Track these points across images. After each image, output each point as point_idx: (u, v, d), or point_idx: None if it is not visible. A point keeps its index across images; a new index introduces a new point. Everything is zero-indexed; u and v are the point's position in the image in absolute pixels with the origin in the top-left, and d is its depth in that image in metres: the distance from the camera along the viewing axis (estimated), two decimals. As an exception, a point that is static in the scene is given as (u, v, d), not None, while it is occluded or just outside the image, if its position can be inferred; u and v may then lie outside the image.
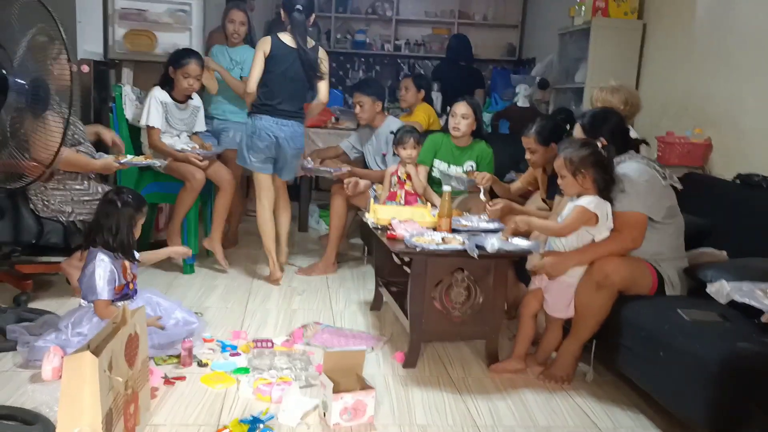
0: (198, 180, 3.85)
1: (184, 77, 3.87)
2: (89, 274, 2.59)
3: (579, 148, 2.65)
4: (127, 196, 2.67)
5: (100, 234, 2.62)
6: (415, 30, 8.17)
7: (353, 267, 4.44)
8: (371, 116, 4.37)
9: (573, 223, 2.61)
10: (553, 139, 3.31)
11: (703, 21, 4.04)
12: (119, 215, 2.63)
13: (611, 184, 2.63)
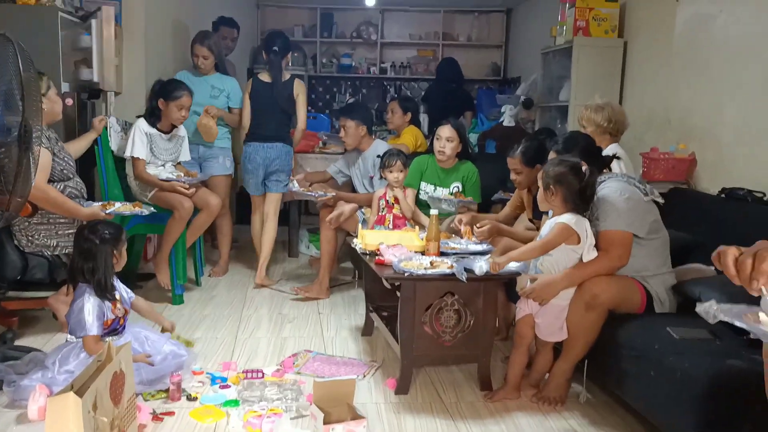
0: (186, 209, 3.84)
1: (178, 109, 3.93)
2: (77, 310, 2.56)
3: (556, 164, 2.67)
4: (103, 232, 2.63)
5: (80, 273, 2.59)
6: (400, 52, 8.24)
7: (344, 291, 4.42)
8: (356, 140, 4.38)
9: (553, 240, 2.61)
10: (538, 160, 3.32)
11: (681, 38, 4.08)
12: (97, 254, 2.59)
13: (585, 206, 2.63)
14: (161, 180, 3.89)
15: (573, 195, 2.61)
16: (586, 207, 2.65)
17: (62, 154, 3.21)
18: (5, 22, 3.70)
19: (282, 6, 8.00)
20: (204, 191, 4.11)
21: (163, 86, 3.99)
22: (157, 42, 5.09)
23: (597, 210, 2.67)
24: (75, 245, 2.66)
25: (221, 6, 6.09)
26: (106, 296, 2.60)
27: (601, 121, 3.57)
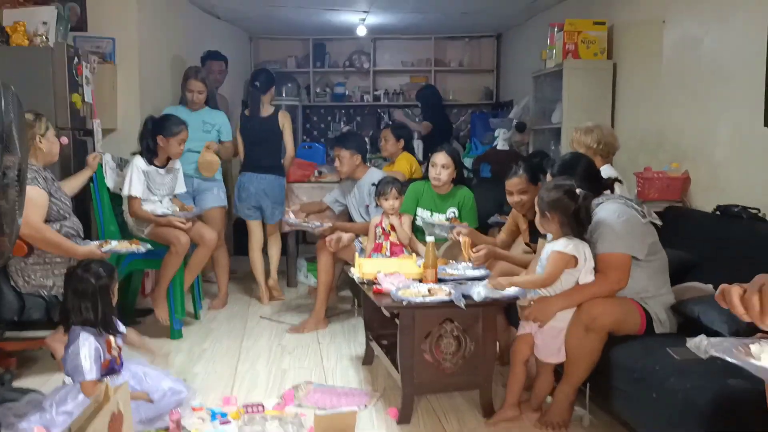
0: (183, 243, 3.84)
1: (179, 144, 3.98)
2: (73, 355, 2.52)
3: (550, 189, 2.68)
4: (97, 269, 2.61)
5: (77, 313, 2.56)
6: (392, 80, 8.31)
7: (344, 320, 4.40)
8: (351, 169, 4.40)
9: (554, 270, 2.61)
10: (539, 179, 3.32)
11: (670, 59, 4.13)
12: (94, 291, 2.57)
13: (582, 230, 2.64)
14: (157, 215, 3.89)
15: (569, 219, 2.62)
16: (583, 230, 2.65)
17: (58, 194, 3.22)
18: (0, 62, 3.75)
19: (275, 38, 8.08)
20: (200, 225, 4.11)
21: (159, 123, 3.99)
22: (151, 78, 5.14)
23: (595, 232, 2.68)
24: (67, 286, 2.63)
25: (214, 40, 6.16)
26: (109, 332, 2.58)
27: (590, 143, 3.61)
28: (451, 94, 8.20)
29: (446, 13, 6.56)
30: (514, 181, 3.41)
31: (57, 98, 3.88)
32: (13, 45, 3.86)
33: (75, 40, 4.55)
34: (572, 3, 5.55)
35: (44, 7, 4.06)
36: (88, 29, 4.79)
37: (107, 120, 4.65)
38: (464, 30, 7.74)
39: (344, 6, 6.26)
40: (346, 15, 6.64)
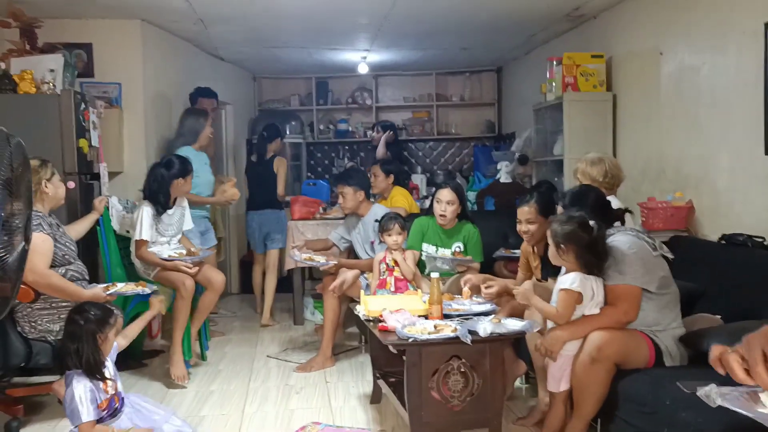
0: (188, 287, 3.83)
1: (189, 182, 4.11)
2: (69, 399, 2.52)
3: (565, 222, 2.67)
4: (89, 313, 2.61)
5: (69, 357, 2.56)
6: (395, 115, 8.38)
7: (351, 357, 4.38)
8: (354, 206, 4.42)
9: (565, 309, 2.61)
10: (552, 211, 3.25)
11: (668, 89, 4.17)
12: (82, 335, 2.57)
13: (599, 262, 2.63)
14: (164, 259, 3.90)
15: (584, 252, 2.61)
16: (599, 263, 2.64)
17: (63, 239, 3.25)
18: (8, 110, 3.82)
19: (278, 78, 8.20)
20: (207, 268, 4.09)
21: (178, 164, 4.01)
22: (157, 121, 5.22)
23: (605, 265, 2.67)
24: (64, 329, 2.65)
25: (218, 82, 6.25)
26: (95, 376, 2.55)
27: (596, 176, 3.61)
28: (454, 127, 8.27)
29: (446, 49, 6.66)
30: (524, 209, 3.31)
31: (64, 144, 3.94)
32: (20, 93, 3.93)
33: (82, 86, 4.64)
34: (569, 37, 5.62)
35: (51, 55, 4.15)
36: (95, 75, 4.90)
37: (114, 163, 4.71)
38: (464, 65, 7.84)
39: (346, 45, 6.37)
40: (347, 54, 6.75)
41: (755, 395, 1.33)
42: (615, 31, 4.83)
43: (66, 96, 3.96)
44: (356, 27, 5.59)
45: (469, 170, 7.75)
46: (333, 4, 4.72)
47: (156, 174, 3.98)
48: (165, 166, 4.00)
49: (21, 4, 4.17)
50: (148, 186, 4.00)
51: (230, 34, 5.67)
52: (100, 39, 4.90)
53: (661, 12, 4.20)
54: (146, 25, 5.03)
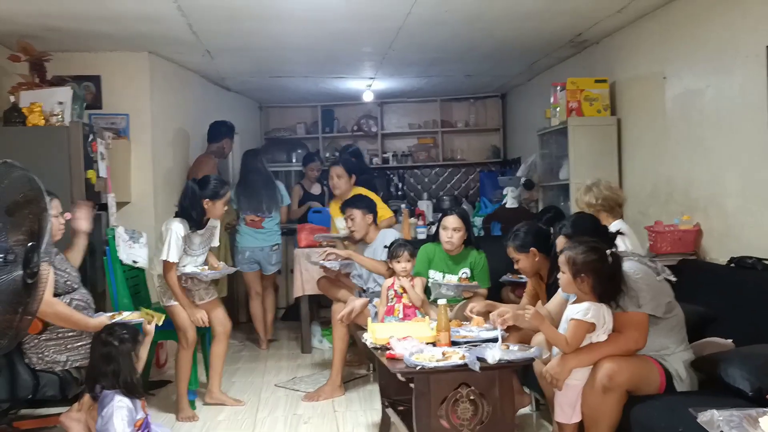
0: (190, 338, 3.82)
1: (224, 205, 3.97)
2: (107, 419, 2.55)
3: (585, 251, 2.62)
4: (121, 333, 2.65)
5: (105, 379, 2.58)
6: (400, 142, 8.43)
7: (360, 386, 4.34)
8: (363, 229, 4.42)
9: (575, 339, 2.58)
10: (533, 245, 3.33)
11: (673, 112, 4.18)
12: (119, 355, 2.60)
13: (614, 293, 2.60)
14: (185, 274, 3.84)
15: (602, 282, 2.59)
16: (615, 293, 2.61)
17: (63, 265, 3.23)
18: (17, 143, 3.87)
19: (284, 106, 8.27)
20: (212, 317, 3.98)
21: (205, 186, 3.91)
22: (164, 152, 5.26)
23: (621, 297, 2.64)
24: (93, 351, 2.68)
25: (225, 111, 6.32)
26: (136, 395, 2.58)
27: (590, 200, 3.66)
28: (459, 153, 8.30)
29: (450, 76, 6.71)
30: (508, 248, 3.44)
31: (73, 175, 3.97)
32: (29, 125, 3.98)
33: (90, 118, 4.69)
34: (572, 62, 5.66)
35: (60, 88, 4.20)
36: (103, 106, 4.96)
37: (121, 193, 4.74)
38: (469, 91, 7.90)
39: (351, 74, 6.43)
40: (353, 82, 6.81)
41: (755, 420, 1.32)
42: (618, 57, 4.86)
43: (74, 128, 4.01)
44: (361, 56, 5.65)
45: (475, 196, 7.76)
46: (338, 34, 4.78)
47: (188, 190, 3.89)
48: (199, 183, 3.93)
49: (31, 38, 4.24)
50: (181, 202, 3.90)
51: (237, 64, 5.74)
52: (109, 71, 4.97)
53: (664, 37, 4.24)
54: (154, 57, 5.10)
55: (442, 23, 4.53)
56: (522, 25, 4.63)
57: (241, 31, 4.61)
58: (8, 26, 4.15)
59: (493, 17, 4.42)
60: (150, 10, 3.99)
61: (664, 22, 4.22)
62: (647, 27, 4.43)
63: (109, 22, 4.21)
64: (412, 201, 7.79)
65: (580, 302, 2.63)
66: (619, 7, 4.23)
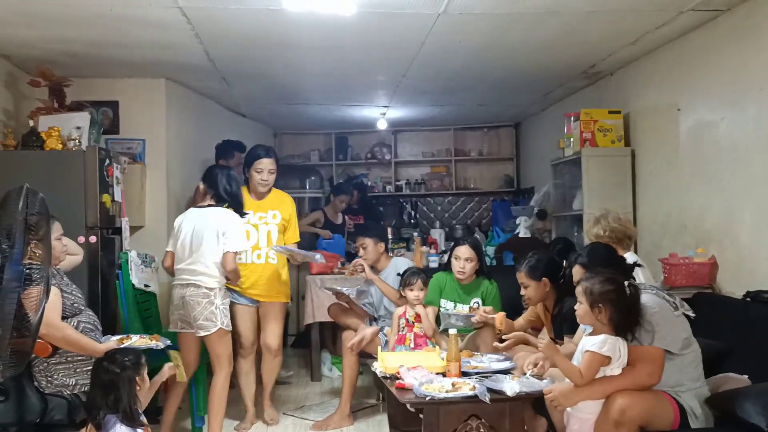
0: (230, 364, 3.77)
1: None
2: None
3: (603, 281, 2.59)
4: (122, 360, 2.63)
5: (105, 406, 2.57)
6: (414, 170, 8.46)
7: (369, 416, 4.29)
8: (375, 257, 4.41)
9: (588, 372, 2.54)
10: (546, 274, 3.31)
11: (687, 144, 4.16)
12: (119, 383, 2.59)
13: (632, 325, 2.56)
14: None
15: (620, 313, 2.55)
16: (632, 325, 2.57)
17: (69, 288, 3.24)
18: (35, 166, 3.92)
19: (298, 133, 8.34)
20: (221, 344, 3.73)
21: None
22: (178, 177, 5.31)
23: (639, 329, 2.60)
24: (93, 378, 2.67)
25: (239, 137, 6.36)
26: (134, 425, 2.56)
27: (597, 232, 3.65)
28: (472, 182, 8.30)
29: (463, 105, 6.75)
30: (518, 273, 3.45)
31: (88, 198, 4.01)
32: (47, 149, 4.03)
33: (107, 143, 4.75)
34: (586, 93, 5.67)
35: (78, 113, 4.26)
36: (120, 131, 5.02)
37: (136, 217, 4.77)
38: (482, 120, 7.93)
39: (365, 102, 6.48)
40: (367, 110, 6.86)
41: None
42: (632, 88, 4.87)
43: (91, 152, 4.05)
44: (375, 84, 5.70)
45: (488, 225, 7.74)
46: (352, 62, 4.83)
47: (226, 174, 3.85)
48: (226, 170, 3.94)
49: (51, 63, 4.32)
50: (225, 189, 3.79)
51: (252, 91, 5.81)
52: (126, 97, 5.04)
53: (678, 68, 4.24)
54: (170, 84, 5.17)
55: (456, 53, 4.57)
56: (535, 55, 4.66)
57: (256, 59, 4.68)
58: (29, 51, 4.24)
59: (507, 47, 4.46)
60: (168, 38, 4.06)
61: (678, 53, 4.23)
62: (661, 58, 4.44)
63: (127, 49, 4.28)
64: (424, 229, 7.78)
65: (597, 334, 2.59)
66: (633, 39, 4.25)
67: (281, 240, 4.16)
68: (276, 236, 4.12)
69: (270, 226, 4.11)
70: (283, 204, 4.22)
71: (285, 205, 4.23)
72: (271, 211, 4.14)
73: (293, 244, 4.23)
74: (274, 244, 4.07)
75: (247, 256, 4.03)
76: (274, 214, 4.13)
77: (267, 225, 4.11)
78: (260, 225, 4.09)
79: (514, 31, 4.08)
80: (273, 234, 4.11)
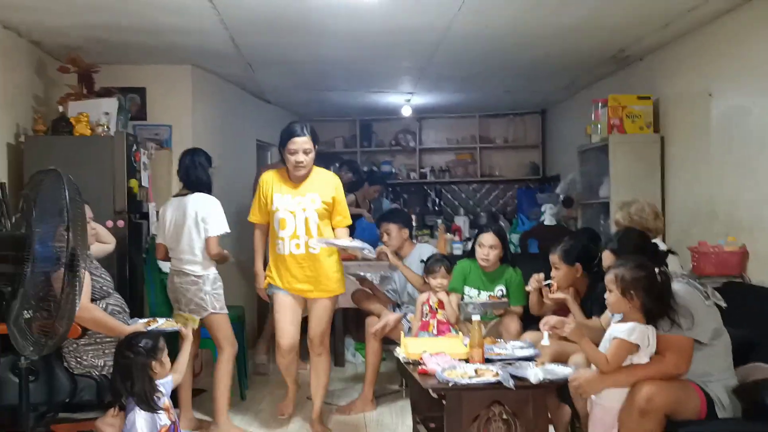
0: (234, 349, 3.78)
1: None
2: (130, 425, 2.60)
3: (634, 268, 2.55)
4: (137, 346, 2.67)
5: (123, 390, 2.62)
6: (438, 157, 8.41)
7: (392, 401, 4.31)
8: (399, 243, 4.43)
9: (615, 359, 2.51)
10: (580, 260, 3.28)
11: (719, 130, 4.08)
12: (133, 368, 2.64)
13: (663, 312, 2.52)
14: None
15: (652, 301, 2.52)
16: (663, 313, 2.53)
17: (98, 271, 3.29)
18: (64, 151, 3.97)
19: (323, 120, 8.33)
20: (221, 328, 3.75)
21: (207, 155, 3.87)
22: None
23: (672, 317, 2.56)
24: (114, 362, 2.72)
25: (264, 123, 6.40)
26: (150, 408, 2.61)
27: (621, 220, 3.59)
28: (497, 169, 8.24)
29: (489, 91, 6.69)
30: (551, 255, 3.45)
31: (116, 184, 4.06)
32: (76, 135, 4.09)
33: (135, 129, 4.80)
34: (614, 79, 5.58)
35: (107, 99, 4.31)
36: (147, 118, 5.06)
37: (162, 202, 4.79)
38: (508, 107, 7.85)
39: (390, 89, 6.45)
40: (391, 97, 6.83)
41: None
42: (662, 73, 4.77)
43: (119, 138, 4.10)
44: (399, 71, 5.67)
45: (513, 212, 7.68)
46: (376, 48, 4.81)
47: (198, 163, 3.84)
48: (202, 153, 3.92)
49: (80, 50, 4.37)
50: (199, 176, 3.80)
51: (277, 78, 5.82)
52: (153, 83, 5.08)
53: (710, 53, 4.15)
54: (196, 70, 5.20)
55: (481, 38, 4.52)
56: (563, 40, 4.59)
57: (281, 45, 4.68)
58: (58, 38, 4.29)
59: (534, 32, 4.40)
60: (193, 24, 4.08)
61: (710, 37, 4.14)
62: (692, 43, 4.35)
63: (153, 36, 4.31)
64: (448, 216, 7.75)
65: (626, 321, 2.56)
66: (663, 23, 4.16)
67: (327, 226, 3.68)
68: (316, 222, 3.60)
69: (308, 213, 3.60)
70: (324, 185, 3.69)
71: (327, 187, 3.69)
72: (309, 194, 3.62)
73: (344, 228, 3.74)
74: (316, 237, 3.59)
75: (285, 246, 3.60)
76: (312, 198, 3.62)
77: (305, 211, 3.60)
78: (297, 211, 3.60)
79: (541, 15, 4.02)
80: (312, 221, 3.59)
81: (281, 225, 3.59)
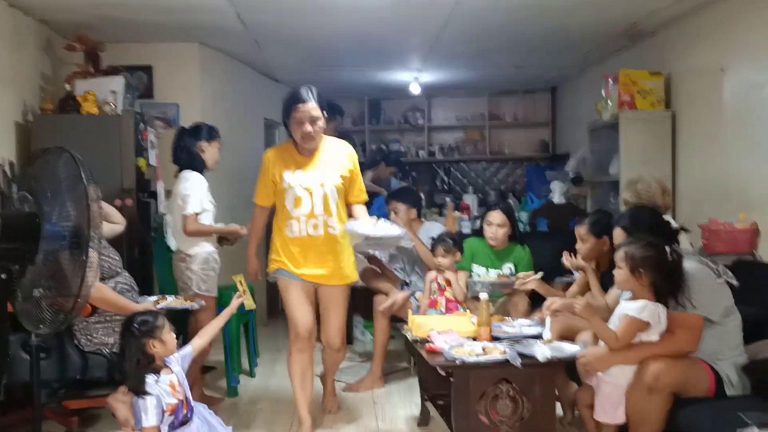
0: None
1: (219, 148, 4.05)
2: (136, 402, 2.59)
3: (644, 246, 2.55)
4: (133, 326, 2.64)
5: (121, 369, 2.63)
6: (447, 135, 8.35)
7: (400, 379, 4.33)
8: (406, 222, 4.41)
9: (625, 337, 2.51)
10: (607, 233, 3.24)
11: (731, 106, 4.02)
12: (126, 348, 2.62)
13: (673, 290, 2.52)
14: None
15: (662, 279, 2.51)
16: (673, 291, 2.52)
17: (106, 251, 3.30)
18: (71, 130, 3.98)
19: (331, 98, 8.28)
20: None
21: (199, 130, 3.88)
22: (213, 140, 5.32)
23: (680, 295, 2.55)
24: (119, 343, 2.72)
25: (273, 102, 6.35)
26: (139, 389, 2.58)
27: (629, 198, 3.55)
28: (507, 147, 8.18)
29: (499, 68, 6.61)
30: (577, 227, 3.40)
31: (123, 162, 4.07)
32: (83, 113, 4.09)
33: (142, 107, 4.79)
34: (626, 54, 5.50)
35: (114, 77, 4.30)
36: (154, 96, 5.05)
37: (171, 181, 4.78)
38: (518, 84, 7.77)
39: (398, 65, 6.40)
40: (400, 74, 6.78)
41: None
42: (674, 48, 4.70)
43: (126, 116, 4.10)
44: (408, 47, 5.61)
45: (522, 191, 7.64)
46: (385, 23, 4.75)
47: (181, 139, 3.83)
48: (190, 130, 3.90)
49: (86, 28, 4.35)
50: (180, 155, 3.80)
51: (284, 55, 5.77)
52: (161, 61, 5.06)
53: (723, 28, 4.07)
54: (204, 48, 5.17)
55: (492, 12, 4.45)
56: (574, 14, 4.52)
57: (288, 21, 4.64)
58: (65, 16, 4.27)
59: (545, 6, 4.33)
60: (200, 1, 4.04)
61: (723, 12, 4.06)
62: (705, 17, 4.27)
63: (160, 13, 4.28)
64: (457, 195, 7.73)
65: (636, 299, 2.55)
66: (676, -3, 4.09)
67: (342, 205, 3.35)
68: (335, 200, 3.28)
69: (327, 188, 3.25)
70: (339, 157, 3.35)
71: (342, 158, 3.36)
72: (324, 168, 3.29)
73: (362, 205, 3.45)
74: (351, 222, 3.27)
75: (300, 227, 3.24)
76: (329, 172, 3.30)
77: (323, 187, 3.24)
78: (315, 188, 3.25)
79: (552, -10, 3.96)
80: (332, 198, 3.26)
81: (296, 203, 3.23)
